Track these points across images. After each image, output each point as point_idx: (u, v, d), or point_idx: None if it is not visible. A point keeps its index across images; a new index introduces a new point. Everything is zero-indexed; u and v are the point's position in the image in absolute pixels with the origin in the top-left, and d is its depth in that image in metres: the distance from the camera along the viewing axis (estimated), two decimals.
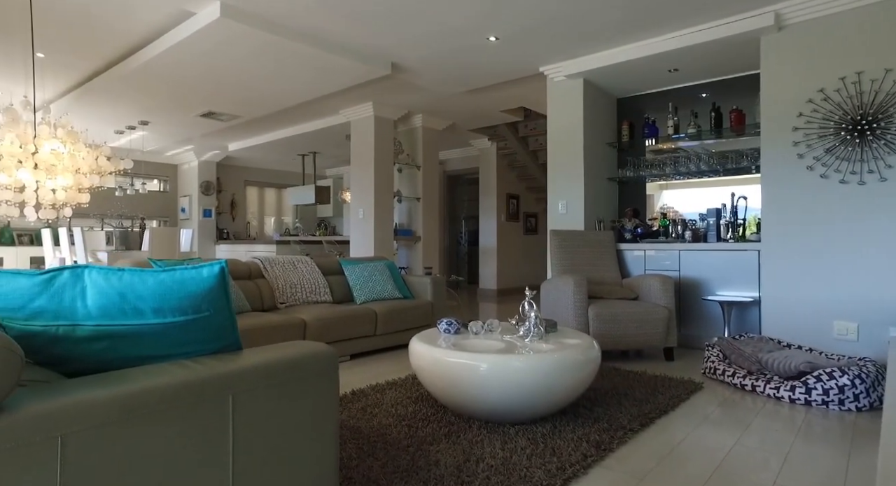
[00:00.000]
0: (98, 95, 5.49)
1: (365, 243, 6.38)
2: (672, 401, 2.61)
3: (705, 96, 4.48)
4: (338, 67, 4.52)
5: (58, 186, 2.34)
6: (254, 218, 10.71)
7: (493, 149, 8.30)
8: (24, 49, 4.49)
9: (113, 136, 7.44)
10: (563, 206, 4.71)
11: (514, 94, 5.80)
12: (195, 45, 4.03)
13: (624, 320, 3.49)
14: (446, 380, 2.28)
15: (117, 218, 9.07)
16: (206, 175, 9.39)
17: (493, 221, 8.38)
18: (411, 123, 6.90)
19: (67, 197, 2.34)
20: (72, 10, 3.74)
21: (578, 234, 4.35)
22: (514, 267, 8.69)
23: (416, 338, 2.58)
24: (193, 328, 1.22)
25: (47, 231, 6.75)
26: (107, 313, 1.16)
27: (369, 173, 6.35)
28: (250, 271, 3.91)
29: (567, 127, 4.64)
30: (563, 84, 4.67)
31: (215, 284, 1.21)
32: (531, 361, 2.18)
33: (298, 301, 3.95)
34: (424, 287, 4.48)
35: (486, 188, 8.45)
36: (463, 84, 5.28)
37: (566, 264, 4.20)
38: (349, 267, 4.34)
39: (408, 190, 6.98)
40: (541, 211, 9.34)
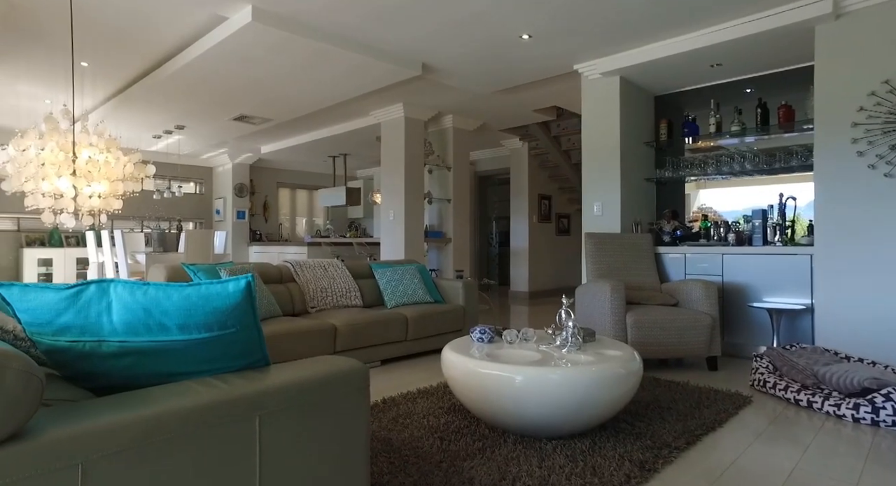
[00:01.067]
0: (136, 102, 5.62)
1: (395, 244, 6.34)
2: (719, 416, 2.46)
3: (750, 92, 4.26)
4: (368, 68, 4.49)
5: (94, 193, 2.37)
6: (286, 219, 10.84)
7: (524, 149, 8.16)
8: (68, 59, 4.62)
9: (151, 140, 7.63)
10: (598, 207, 4.56)
11: (546, 92, 5.67)
12: (228, 49, 4.06)
13: (664, 328, 3.33)
14: (480, 392, 2.20)
15: (155, 220, 9.31)
16: (240, 177, 9.55)
17: (525, 222, 8.24)
18: (442, 123, 6.83)
19: (103, 203, 2.36)
20: (113, 21, 3.81)
21: (615, 237, 4.20)
22: (547, 269, 8.53)
23: (448, 347, 2.50)
24: (219, 345, 1.17)
25: (91, 234, 6.96)
26: (132, 329, 1.12)
27: (400, 175, 6.31)
28: (281, 274, 3.90)
29: (602, 126, 4.49)
30: (598, 82, 4.52)
31: (241, 299, 1.15)
32: (569, 374, 2.07)
33: (329, 305, 3.93)
34: (456, 291, 4.40)
35: (518, 189, 8.31)
36: (494, 84, 5.18)
37: (602, 269, 4.06)
38: (380, 270, 4.30)
39: (438, 191, 6.92)
40: (573, 212, 9.15)
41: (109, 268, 6.13)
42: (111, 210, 2.58)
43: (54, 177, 2.19)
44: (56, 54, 4.53)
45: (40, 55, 4.56)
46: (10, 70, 4.94)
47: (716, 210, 4.99)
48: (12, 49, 4.45)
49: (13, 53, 4.55)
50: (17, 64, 4.78)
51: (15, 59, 4.68)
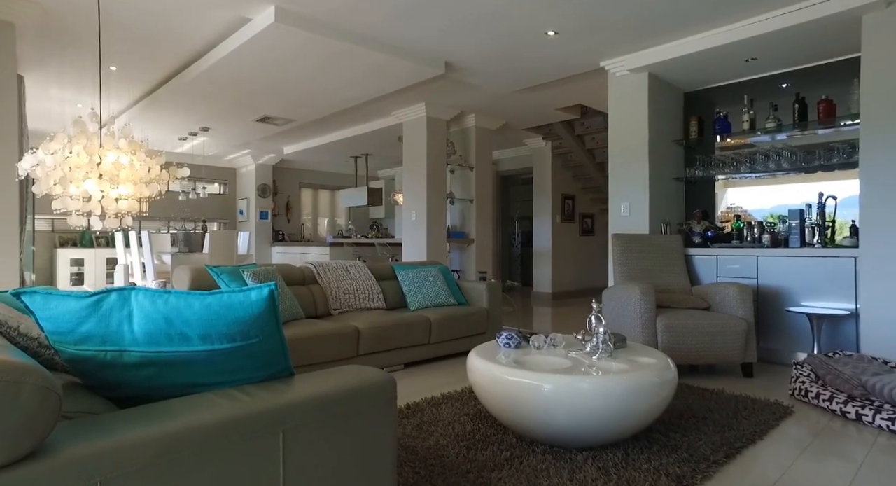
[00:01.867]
0: (163, 104, 5.69)
1: (417, 245, 6.30)
2: (759, 428, 2.34)
3: (786, 87, 4.09)
4: (391, 68, 4.45)
5: (120, 196, 2.37)
6: (308, 220, 10.91)
7: (547, 148, 8.04)
8: (98, 63, 4.69)
9: (177, 142, 7.73)
10: (625, 208, 4.44)
11: (570, 90, 5.56)
12: (251, 50, 4.06)
13: (696, 333, 3.21)
14: (507, 400, 2.13)
15: (180, 221, 9.45)
16: (263, 178, 9.63)
17: (548, 222, 8.12)
18: (464, 123, 6.76)
19: (128, 206, 2.36)
20: (140, 25, 3.84)
21: (643, 238, 4.08)
22: (570, 270, 8.40)
23: (474, 352, 2.44)
24: (242, 355, 1.13)
25: (119, 235, 7.09)
26: (153, 339, 1.08)
27: (422, 175, 6.26)
28: (304, 276, 3.89)
29: (630, 124, 4.37)
30: (625, 79, 4.40)
31: (264, 308, 1.11)
32: (601, 383, 1.99)
33: (352, 307, 3.90)
34: (480, 293, 4.33)
35: (541, 188, 8.20)
36: (518, 82, 5.09)
37: (630, 271, 3.94)
38: (402, 272, 4.26)
39: (461, 191, 6.85)
40: (597, 212, 8.99)
41: (137, 268, 6.22)
42: (137, 213, 2.59)
43: (81, 180, 2.19)
44: (86, 59, 4.60)
45: (71, 60, 4.64)
46: (43, 75, 5.04)
47: (745, 209, 4.82)
48: (45, 54, 4.53)
49: (46, 59, 4.63)
50: (49, 69, 4.88)
51: (48, 65, 4.77)
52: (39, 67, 4.86)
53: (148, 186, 2.45)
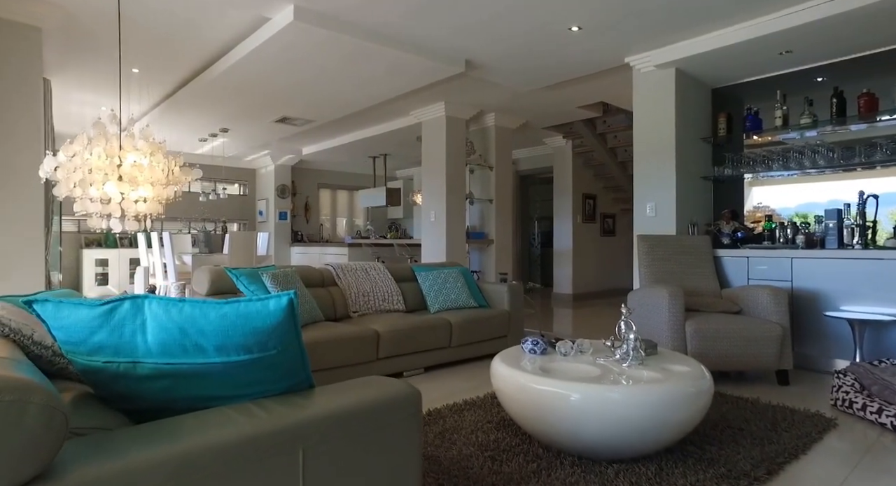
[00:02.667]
0: (183, 106, 5.71)
1: (436, 246, 6.23)
2: (801, 441, 2.22)
3: (822, 80, 3.91)
4: (411, 66, 4.38)
5: (140, 198, 2.35)
6: (327, 220, 10.92)
7: (568, 147, 7.91)
8: (123, 65, 4.72)
9: (197, 144, 7.79)
10: (651, 208, 4.31)
11: (592, 88, 5.43)
12: (270, 50, 4.03)
13: (728, 338, 3.08)
14: (532, 409, 2.05)
15: (201, 221, 9.53)
16: (282, 179, 9.66)
17: (569, 222, 7.99)
18: (483, 122, 6.68)
19: (148, 208, 2.34)
20: (160, 26, 3.84)
21: (670, 239, 3.95)
22: (591, 271, 8.25)
23: (498, 358, 2.36)
24: (260, 367, 1.07)
25: (142, 235, 7.16)
26: (167, 350, 1.03)
27: (441, 175, 6.19)
28: (323, 278, 3.85)
29: (656, 121, 4.24)
30: (651, 75, 4.27)
31: (283, 318, 1.05)
32: (632, 393, 1.89)
33: (371, 310, 3.85)
34: (501, 295, 4.24)
35: (561, 188, 8.07)
36: (540, 79, 4.99)
37: (656, 273, 3.82)
38: (422, 274, 4.19)
39: (480, 191, 6.77)
40: (619, 212, 8.82)
41: (159, 269, 6.27)
42: (156, 214, 2.57)
43: (101, 182, 2.17)
44: (109, 62, 4.63)
45: (95, 63, 4.68)
46: (68, 78, 5.10)
47: (773, 209, 4.65)
48: (69, 58, 4.57)
49: (70, 62, 4.68)
50: (74, 72, 4.93)
51: (72, 68, 4.82)
52: (64, 71, 4.91)
53: (166, 188, 2.43)
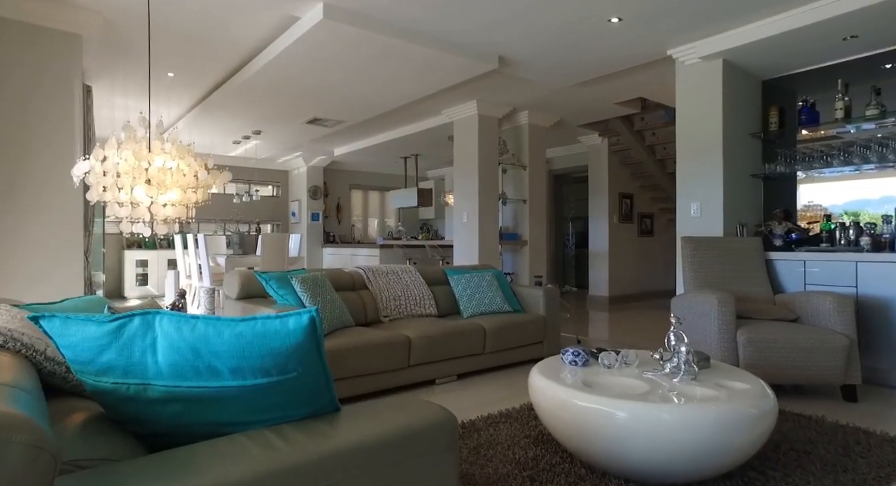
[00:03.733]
0: (216, 109, 5.76)
1: (469, 247, 6.11)
2: (884, 470, 1.98)
3: (891, 67, 3.61)
4: (442, 64, 4.27)
5: (168, 202, 2.32)
6: (358, 221, 10.94)
7: (603, 145, 7.66)
8: (156, 70, 4.78)
9: (230, 146, 7.88)
10: (695, 208, 4.08)
11: (630, 83, 5.21)
12: (300, 50, 3.99)
13: (786, 349, 2.85)
14: (574, 427, 1.90)
15: (234, 223, 9.66)
16: (314, 180, 9.71)
17: (605, 222, 7.74)
18: (516, 120, 6.51)
19: (175, 212, 2.30)
20: (192, 29, 3.85)
21: (717, 241, 3.72)
22: (628, 273, 7.97)
23: (536, 370, 2.22)
24: (279, 391, 0.97)
25: (178, 237, 7.28)
26: (179, 372, 0.94)
27: (473, 175, 6.07)
28: (354, 281, 3.77)
29: (701, 117, 4.00)
30: (696, 67, 4.03)
31: (304, 338, 0.94)
32: (685, 413, 1.73)
33: (403, 314, 3.75)
34: (536, 300, 4.09)
35: (597, 187, 7.82)
36: (576, 75, 4.80)
37: (703, 277, 3.60)
38: (455, 277, 4.07)
39: (513, 191, 6.61)
40: (657, 211, 8.51)
41: (194, 270, 6.35)
42: (185, 219, 2.54)
43: (130, 186, 2.15)
44: (146, 67, 4.69)
45: (133, 69, 4.74)
46: (108, 84, 5.20)
47: (825, 207, 4.35)
48: (109, 64, 4.65)
49: (110, 68, 4.76)
50: (113, 78, 5.02)
51: (112, 74, 4.91)
52: (105, 77, 5.00)
53: (195, 192, 2.39)
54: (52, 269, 3.57)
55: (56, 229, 3.56)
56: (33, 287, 3.49)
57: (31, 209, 3.47)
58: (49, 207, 3.52)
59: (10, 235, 3.41)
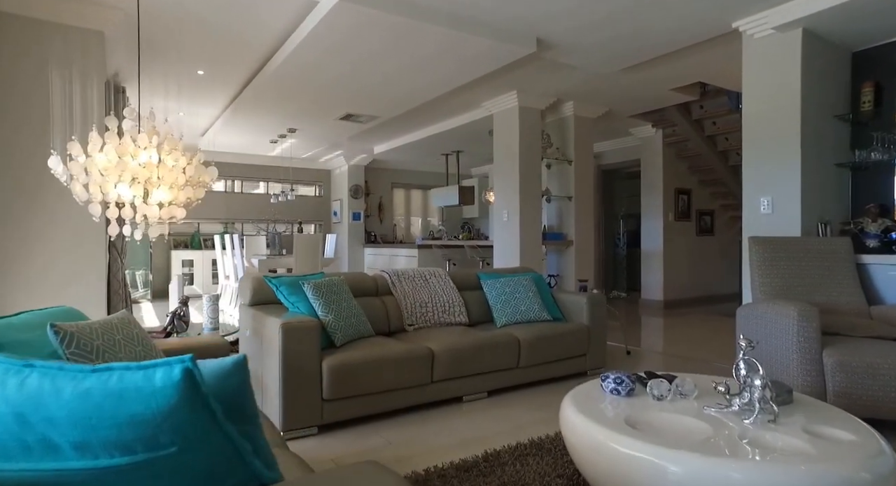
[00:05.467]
0: (249, 107, 5.64)
1: (510, 247, 5.73)
2: None
3: None
4: (474, 49, 3.91)
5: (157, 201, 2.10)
6: (401, 220, 10.74)
7: (657, 137, 7.06)
8: (186, 69, 4.69)
9: (269, 146, 7.83)
10: (766, 203, 3.53)
11: (687, 66, 4.67)
12: (320, 38, 3.74)
13: (891, 375, 2.33)
14: (613, 477, 1.51)
15: (271, 223, 9.67)
16: (355, 179, 9.57)
17: (659, 220, 7.14)
18: (561, 111, 6.06)
19: (165, 212, 2.09)
20: (217, 24, 3.69)
21: (794, 241, 3.18)
22: (685, 275, 7.33)
23: (569, 399, 1.84)
24: (151, 476, 0.66)
25: (217, 238, 7.29)
26: (1, 449, 0.64)
27: (514, 171, 5.68)
28: (377, 286, 3.49)
29: (773, 98, 3.46)
30: (769, 40, 3.49)
31: (178, 399, 0.63)
32: (765, 474, 1.31)
33: (429, 323, 3.43)
34: (579, 307, 3.67)
35: (650, 183, 7.23)
36: (624, 58, 4.33)
37: (775, 285, 3.07)
38: (488, 282, 3.72)
39: (558, 188, 6.16)
40: (718, 208, 7.79)
41: (231, 271, 6.30)
42: (176, 220, 2.33)
43: (112, 184, 1.95)
44: (177, 65, 4.60)
45: (165, 68, 4.67)
46: (144, 85, 5.18)
47: None
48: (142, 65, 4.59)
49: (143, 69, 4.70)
50: (149, 79, 4.98)
51: (146, 75, 4.87)
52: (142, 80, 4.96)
53: (184, 191, 2.17)
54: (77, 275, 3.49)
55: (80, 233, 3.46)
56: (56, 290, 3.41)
57: (57, 211, 3.39)
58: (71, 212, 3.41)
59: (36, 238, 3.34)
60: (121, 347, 1.55)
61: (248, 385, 0.78)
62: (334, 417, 2.58)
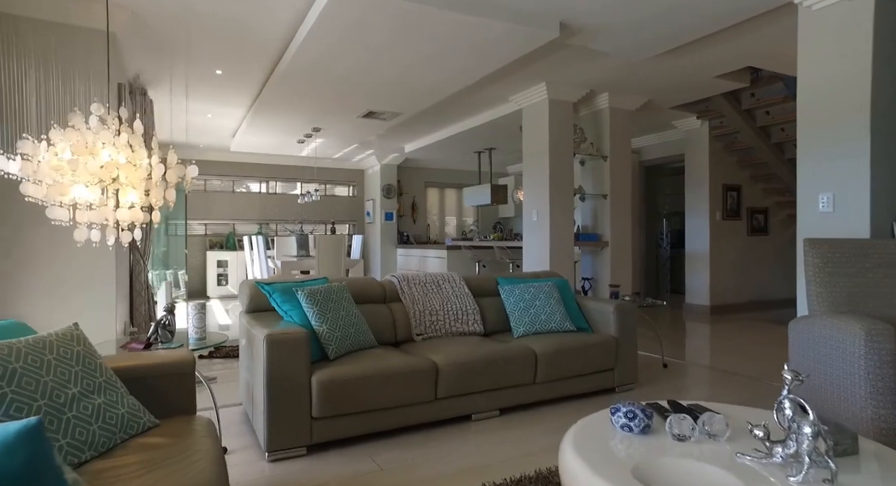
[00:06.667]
0: (270, 107, 5.55)
1: (539, 249, 5.40)
2: None
3: None
4: (491, 35, 3.62)
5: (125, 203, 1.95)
6: (435, 220, 10.53)
7: (703, 129, 6.54)
8: (207, 70, 4.63)
9: (297, 146, 7.78)
10: (825, 201, 3.08)
11: (734, 48, 4.22)
12: (327, 30, 3.55)
13: None
14: None
15: (299, 223, 9.65)
16: (388, 178, 9.43)
17: (705, 219, 6.62)
18: (595, 104, 5.68)
19: (131, 215, 1.93)
20: (226, 19, 3.57)
21: (861, 245, 2.73)
22: (735, 278, 6.77)
23: (570, 438, 1.54)
24: None
25: (246, 238, 7.29)
26: None
27: (543, 168, 5.35)
28: (385, 292, 3.26)
29: (836, 77, 3.01)
30: (831, 11, 3.03)
31: None
32: None
33: (440, 332, 3.18)
34: (606, 316, 3.33)
35: (695, 179, 6.71)
36: (661, 41, 3.93)
37: (838, 296, 2.64)
38: (507, 287, 3.43)
39: (592, 186, 5.78)
40: (772, 205, 7.16)
41: (258, 272, 6.26)
42: (145, 223, 2.17)
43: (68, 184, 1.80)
44: (193, 66, 4.54)
45: (185, 68, 4.62)
46: (167, 88, 5.18)
47: None
48: (162, 67, 4.56)
49: (163, 71, 4.68)
50: (172, 82, 4.97)
51: (170, 78, 4.85)
52: (163, 81, 4.96)
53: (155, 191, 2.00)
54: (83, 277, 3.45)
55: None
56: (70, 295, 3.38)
57: None
58: None
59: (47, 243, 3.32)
60: (49, 368, 1.38)
61: (47, 459, 0.55)
62: (325, 436, 2.37)
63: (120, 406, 1.50)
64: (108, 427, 1.43)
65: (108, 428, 1.43)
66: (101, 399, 1.46)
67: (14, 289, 3.26)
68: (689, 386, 3.41)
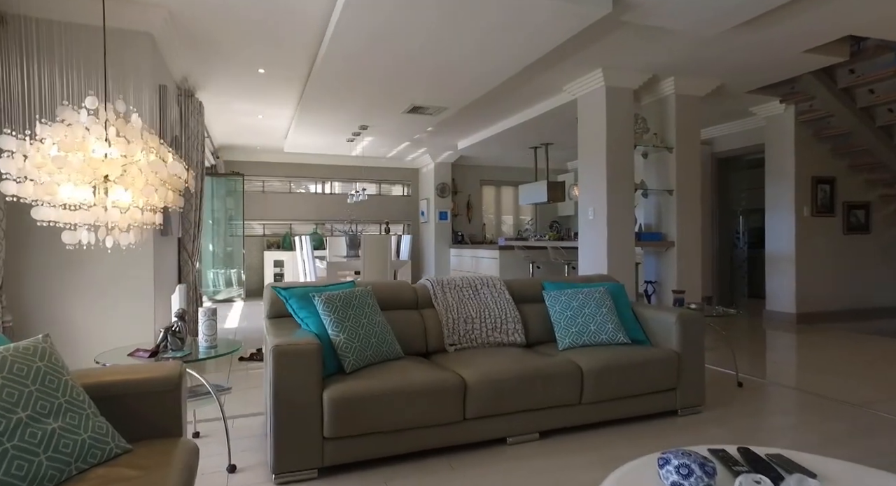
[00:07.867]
0: (315, 105, 5.47)
1: (596, 249, 4.97)
2: None
3: None
4: (536, 13, 3.27)
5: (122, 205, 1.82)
6: (491, 219, 10.21)
7: (788, 115, 5.81)
8: (248, 70, 4.60)
9: (347, 146, 7.72)
10: None
11: (830, 14, 3.61)
12: (351, 17, 3.35)
13: None
14: None
15: (349, 223, 9.62)
16: (442, 177, 9.23)
17: (790, 215, 5.89)
18: (659, 90, 5.16)
19: (129, 217, 1.80)
20: (259, 20, 3.47)
21: None
22: (826, 283, 5.98)
23: None
24: None
25: (297, 239, 7.32)
26: None
27: (600, 161, 4.91)
28: (417, 297, 3.01)
29: None
30: None
31: None
32: None
33: (475, 342, 2.89)
34: (667, 328, 2.90)
35: (778, 172, 5.99)
36: (737, 10, 3.40)
37: None
38: (552, 293, 3.08)
39: (656, 180, 5.26)
40: (876, 199, 6.28)
41: (308, 272, 6.23)
42: (147, 225, 2.03)
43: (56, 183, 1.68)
44: (236, 66, 4.52)
45: (231, 69, 4.62)
46: (216, 91, 5.22)
47: None
48: (208, 70, 4.58)
49: (209, 73, 4.71)
50: (219, 85, 5.00)
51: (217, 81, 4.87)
52: (210, 83, 5.00)
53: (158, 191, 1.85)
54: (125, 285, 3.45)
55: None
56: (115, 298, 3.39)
57: None
58: None
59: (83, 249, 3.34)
60: None
61: None
62: (338, 458, 2.14)
63: (81, 431, 1.34)
64: (59, 457, 1.26)
65: (59, 458, 1.26)
66: (56, 424, 1.30)
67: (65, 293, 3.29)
68: (770, 412, 2.91)
